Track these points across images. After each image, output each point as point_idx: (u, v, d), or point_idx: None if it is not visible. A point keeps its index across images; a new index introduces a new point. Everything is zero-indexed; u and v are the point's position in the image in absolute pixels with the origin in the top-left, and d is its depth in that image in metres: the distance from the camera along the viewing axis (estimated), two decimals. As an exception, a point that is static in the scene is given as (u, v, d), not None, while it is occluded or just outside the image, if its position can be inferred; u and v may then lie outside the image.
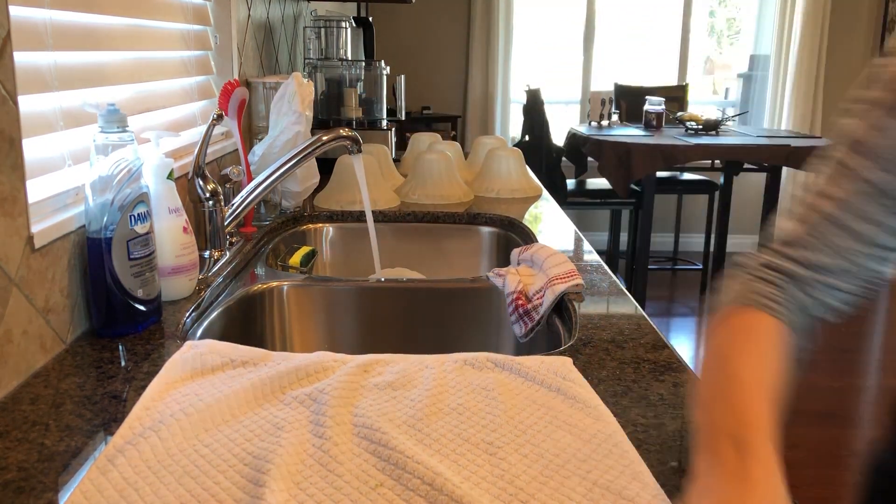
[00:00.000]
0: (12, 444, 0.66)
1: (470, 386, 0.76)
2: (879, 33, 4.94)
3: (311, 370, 0.78)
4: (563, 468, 0.61)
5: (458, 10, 5.04)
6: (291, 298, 1.24)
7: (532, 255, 1.19)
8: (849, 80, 5.07)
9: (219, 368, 0.79)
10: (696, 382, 0.64)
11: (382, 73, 2.41)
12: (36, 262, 0.83)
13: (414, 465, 0.60)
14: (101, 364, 0.84)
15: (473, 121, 5.11)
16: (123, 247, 0.91)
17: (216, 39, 1.61)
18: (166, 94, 1.35)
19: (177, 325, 0.97)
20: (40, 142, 0.90)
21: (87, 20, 1.04)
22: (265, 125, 1.70)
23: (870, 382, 3.22)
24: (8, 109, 0.78)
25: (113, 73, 1.11)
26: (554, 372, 0.78)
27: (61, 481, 0.61)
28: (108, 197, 0.89)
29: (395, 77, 3.39)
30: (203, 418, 0.68)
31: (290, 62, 2.31)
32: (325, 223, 1.66)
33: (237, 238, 1.37)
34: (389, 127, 2.34)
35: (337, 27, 2.43)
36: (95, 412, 0.73)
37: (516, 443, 0.65)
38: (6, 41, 0.78)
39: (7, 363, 0.77)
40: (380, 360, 0.81)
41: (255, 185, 1.29)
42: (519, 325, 1.10)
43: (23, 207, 0.81)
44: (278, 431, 0.66)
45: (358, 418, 0.68)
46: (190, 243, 1.07)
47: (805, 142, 3.68)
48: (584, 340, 0.93)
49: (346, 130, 1.32)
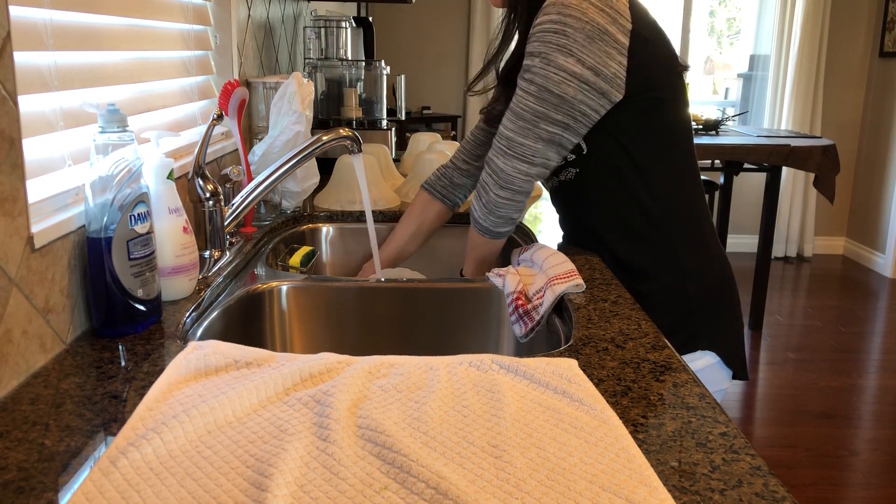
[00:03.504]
0: (12, 444, 0.66)
1: (475, 388, 0.76)
2: (879, 33, 4.94)
3: (316, 372, 0.77)
4: (569, 472, 0.61)
5: (458, 10, 5.04)
6: (291, 298, 1.23)
7: (532, 255, 1.19)
8: (849, 80, 5.07)
9: (222, 369, 0.79)
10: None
11: (382, 73, 2.40)
12: (36, 262, 0.83)
13: (419, 468, 0.59)
14: (101, 364, 0.84)
15: (473, 121, 5.11)
16: (123, 247, 0.91)
17: (216, 39, 1.61)
18: (166, 94, 1.35)
19: (177, 325, 0.97)
20: (40, 142, 0.89)
21: (87, 20, 1.03)
22: (265, 125, 1.70)
23: (870, 382, 3.22)
24: (8, 109, 0.78)
25: (113, 73, 1.11)
26: (559, 374, 0.78)
27: (61, 481, 0.61)
28: (108, 197, 0.89)
29: (395, 77, 3.39)
30: (206, 420, 0.67)
31: (290, 62, 2.30)
32: (325, 223, 1.66)
33: (237, 238, 1.37)
34: (389, 127, 2.34)
35: (337, 27, 2.43)
36: (95, 412, 0.72)
37: (522, 446, 0.65)
38: (6, 41, 0.78)
39: (7, 363, 0.77)
40: (384, 362, 0.81)
41: (255, 185, 1.29)
42: (519, 325, 1.10)
43: (23, 207, 0.81)
44: (282, 434, 0.66)
45: (362, 420, 0.68)
46: (190, 243, 1.06)
47: (805, 142, 3.68)
48: (584, 340, 0.93)
49: (346, 130, 1.32)
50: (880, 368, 3.37)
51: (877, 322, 3.97)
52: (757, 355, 3.51)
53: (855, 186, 5.17)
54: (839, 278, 4.76)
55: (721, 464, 0.65)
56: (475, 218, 1.23)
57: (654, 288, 1.22)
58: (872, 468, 2.55)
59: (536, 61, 1.11)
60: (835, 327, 3.85)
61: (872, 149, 4.97)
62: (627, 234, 1.23)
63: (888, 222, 4.73)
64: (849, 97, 5.10)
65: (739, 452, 0.67)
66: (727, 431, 0.71)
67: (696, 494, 0.60)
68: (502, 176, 1.17)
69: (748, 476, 0.63)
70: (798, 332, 3.80)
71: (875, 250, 4.89)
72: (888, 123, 4.79)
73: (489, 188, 1.19)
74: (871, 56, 5.02)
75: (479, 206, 1.21)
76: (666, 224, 1.22)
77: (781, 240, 5.18)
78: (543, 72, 1.10)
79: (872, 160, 4.96)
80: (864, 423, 2.87)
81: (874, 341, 3.70)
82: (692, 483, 0.62)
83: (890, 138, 4.77)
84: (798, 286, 4.66)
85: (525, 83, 1.13)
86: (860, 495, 2.40)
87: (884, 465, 2.56)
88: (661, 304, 1.21)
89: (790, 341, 3.68)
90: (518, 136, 1.14)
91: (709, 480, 0.63)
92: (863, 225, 5.07)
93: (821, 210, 5.21)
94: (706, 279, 1.24)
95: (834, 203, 4.67)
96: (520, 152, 1.15)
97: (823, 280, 4.73)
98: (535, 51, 1.11)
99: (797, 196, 5.15)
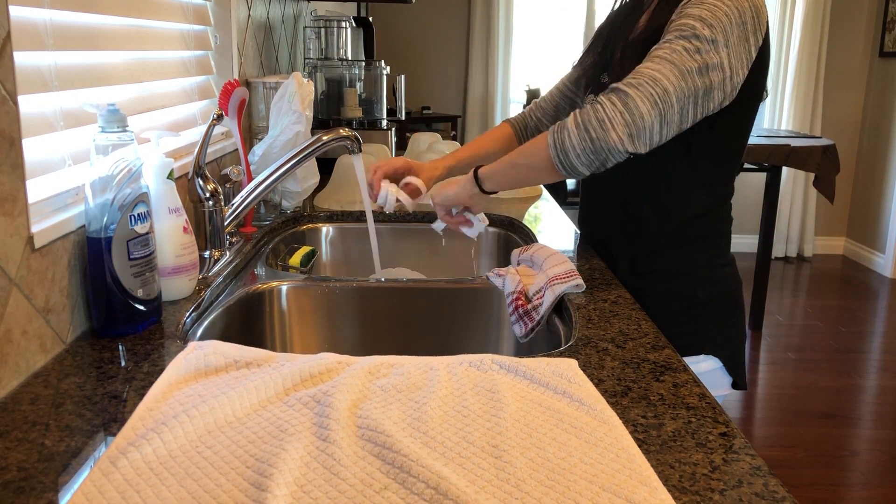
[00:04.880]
0: (12, 444, 0.66)
1: (475, 388, 0.76)
2: (879, 33, 4.94)
3: (316, 372, 0.77)
4: (569, 472, 0.61)
5: (458, 10, 5.04)
6: (291, 298, 1.23)
7: (532, 255, 1.19)
8: (849, 80, 5.07)
9: (222, 369, 0.78)
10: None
11: (382, 73, 2.40)
12: (36, 262, 0.83)
13: (419, 468, 0.59)
14: (101, 364, 0.84)
15: (473, 121, 5.11)
16: (123, 247, 0.91)
17: (216, 39, 1.61)
18: (166, 95, 1.35)
19: (177, 325, 0.96)
20: (40, 142, 0.89)
21: (87, 20, 1.03)
22: (265, 125, 1.70)
23: (870, 382, 3.22)
24: (8, 109, 0.78)
25: (113, 73, 1.11)
26: (559, 374, 0.78)
27: (61, 481, 0.61)
28: (108, 197, 0.89)
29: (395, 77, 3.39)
30: (206, 420, 0.67)
31: (290, 62, 2.30)
32: (325, 223, 1.66)
33: (237, 238, 1.37)
34: (389, 127, 2.34)
35: (337, 27, 2.43)
36: (95, 412, 0.72)
37: (522, 446, 0.65)
38: (6, 41, 0.78)
39: (7, 363, 0.77)
40: (385, 362, 0.81)
41: (255, 185, 1.29)
42: (519, 325, 1.10)
43: (23, 207, 0.81)
44: (282, 434, 0.66)
45: (362, 420, 0.67)
46: (190, 243, 1.06)
47: (805, 142, 3.67)
48: (584, 340, 0.93)
49: (346, 130, 1.32)
50: (880, 368, 3.37)
51: (877, 322, 3.97)
52: (757, 355, 3.51)
53: (855, 186, 5.17)
54: (839, 278, 4.76)
55: (721, 464, 0.65)
56: (568, 139, 1.03)
57: (665, 289, 1.20)
58: (872, 468, 2.55)
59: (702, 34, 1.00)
60: (835, 327, 3.85)
61: (872, 149, 4.97)
62: (650, 230, 1.21)
63: (888, 222, 4.73)
64: (849, 97, 5.10)
65: (739, 452, 0.67)
66: (727, 431, 0.71)
67: (696, 494, 0.60)
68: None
69: (748, 476, 0.63)
70: (798, 332, 3.80)
71: (875, 250, 4.89)
72: (888, 123, 4.79)
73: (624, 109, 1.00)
74: (871, 56, 5.02)
75: (588, 132, 1.01)
76: (693, 228, 1.20)
77: (781, 240, 5.18)
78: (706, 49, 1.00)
79: (872, 160, 4.96)
80: (864, 423, 2.87)
81: (874, 341, 3.70)
82: (692, 483, 0.62)
83: (890, 138, 4.77)
84: (798, 286, 4.66)
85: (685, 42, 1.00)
86: (860, 495, 2.40)
87: (884, 465, 2.56)
88: (668, 304, 1.19)
89: (790, 341, 3.68)
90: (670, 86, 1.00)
91: (709, 480, 0.63)
92: (863, 225, 5.07)
93: (821, 210, 5.21)
94: (718, 285, 1.22)
95: (834, 203, 4.67)
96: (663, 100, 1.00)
97: (823, 280, 4.73)
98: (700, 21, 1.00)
99: (797, 196, 5.15)
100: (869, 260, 4.96)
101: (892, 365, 3.40)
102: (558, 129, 1.04)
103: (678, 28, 1.02)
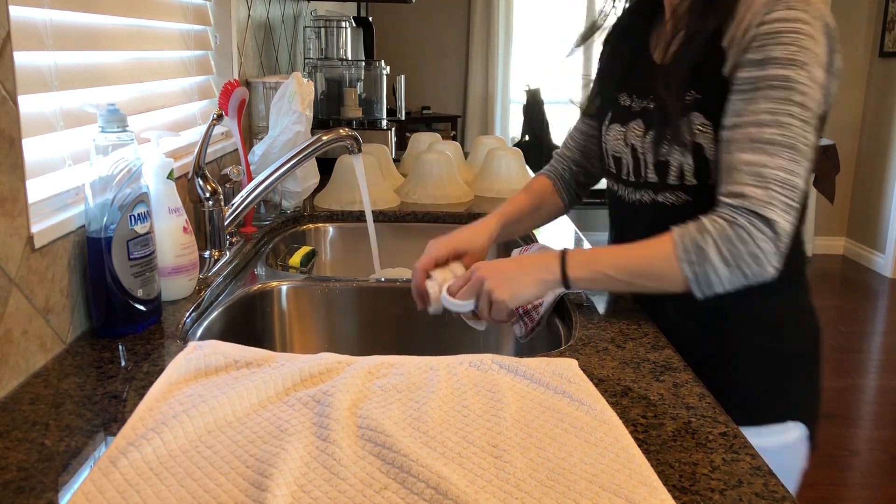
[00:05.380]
0: (12, 444, 0.66)
1: (475, 388, 0.76)
2: (879, 33, 4.94)
3: (316, 371, 0.77)
4: (569, 472, 0.61)
5: (458, 10, 5.04)
6: (291, 298, 1.23)
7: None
8: (849, 80, 5.07)
9: (222, 369, 0.78)
10: None
11: (382, 73, 2.40)
12: (36, 262, 0.83)
13: (419, 468, 0.59)
14: (101, 364, 0.84)
15: (473, 121, 5.11)
16: (123, 247, 0.91)
17: (216, 39, 1.61)
18: (166, 95, 1.35)
19: (177, 325, 0.97)
20: (40, 142, 0.89)
21: (87, 20, 1.03)
22: (265, 125, 1.70)
23: (870, 382, 3.22)
24: (8, 109, 0.78)
25: (113, 73, 1.11)
26: (559, 374, 0.78)
27: (61, 481, 0.61)
28: (108, 197, 0.89)
29: (395, 77, 3.39)
30: (206, 420, 0.67)
31: (290, 62, 2.30)
32: (325, 223, 1.66)
33: (237, 238, 1.37)
34: (389, 127, 2.34)
35: (337, 27, 2.43)
36: (95, 412, 0.72)
37: (522, 446, 0.65)
38: (6, 41, 0.78)
39: (7, 363, 0.77)
40: (385, 362, 0.81)
41: (255, 185, 1.29)
42: (519, 325, 1.10)
43: (23, 207, 0.81)
44: (282, 434, 0.66)
45: (362, 420, 0.67)
46: (190, 243, 1.06)
47: (805, 142, 3.67)
48: (584, 340, 0.93)
49: (346, 130, 1.32)
50: (880, 368, 3.37)
51: (877, 322, 3.97)
52: (757, 355, 3.51)
53: (855, 186, 5.17)
54: (839, 278, 4.76)
55: (721, 464, 0.65)
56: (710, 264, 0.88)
57: (741, 347, 1.01)
58: (872, 468, 2.55)
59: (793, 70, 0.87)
60: (835, 327, 3.85)
61: (872, 149, 4.97)
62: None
63: (888, 222, 4.73)
64: (849, 97, 5.10)
65: (739, 452, 0.67)
66: (727, 431, 0.71)
67: (696, 494, 0.60)
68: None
69: (748, 476, 0.63)
70: (798, 332, 3.80)
71: (875, 250, 4.89)
72: (888, 123, 4.79)
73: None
74: (871, 56, 5.02)
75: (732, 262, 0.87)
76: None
77: (781, 240, 5.18)
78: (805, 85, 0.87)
79: (872, 160, 4.96)
80: (864, 423, 2.86)
81: (874, 341, 3.70)
82: (692, 483, 0.62)
83: (890, 138, 4.77)
84: (798, 286, 4.65)
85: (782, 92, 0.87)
86: (860, 495, 2.40)
87: (884, 465, 2.56)
88: (748, 365, 1.01)
89: (790, 341, 3.68)
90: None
91: (709, 480, 0.63)
92: (863, 225, 5.06)
93: (821, 210, 5.21)
94: (804, 333, 1.05)
95: (834, 203, 4.66)
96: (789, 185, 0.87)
97: (823, 280, 4.73)
98: (786, 56, 0.87)
99: (797, 196, 5.14)
100: (869, 260, 4.96)
101: (892, 365, 3.40)
102: (698, 261, 0.88)
103: (769, 83, 0.88)
